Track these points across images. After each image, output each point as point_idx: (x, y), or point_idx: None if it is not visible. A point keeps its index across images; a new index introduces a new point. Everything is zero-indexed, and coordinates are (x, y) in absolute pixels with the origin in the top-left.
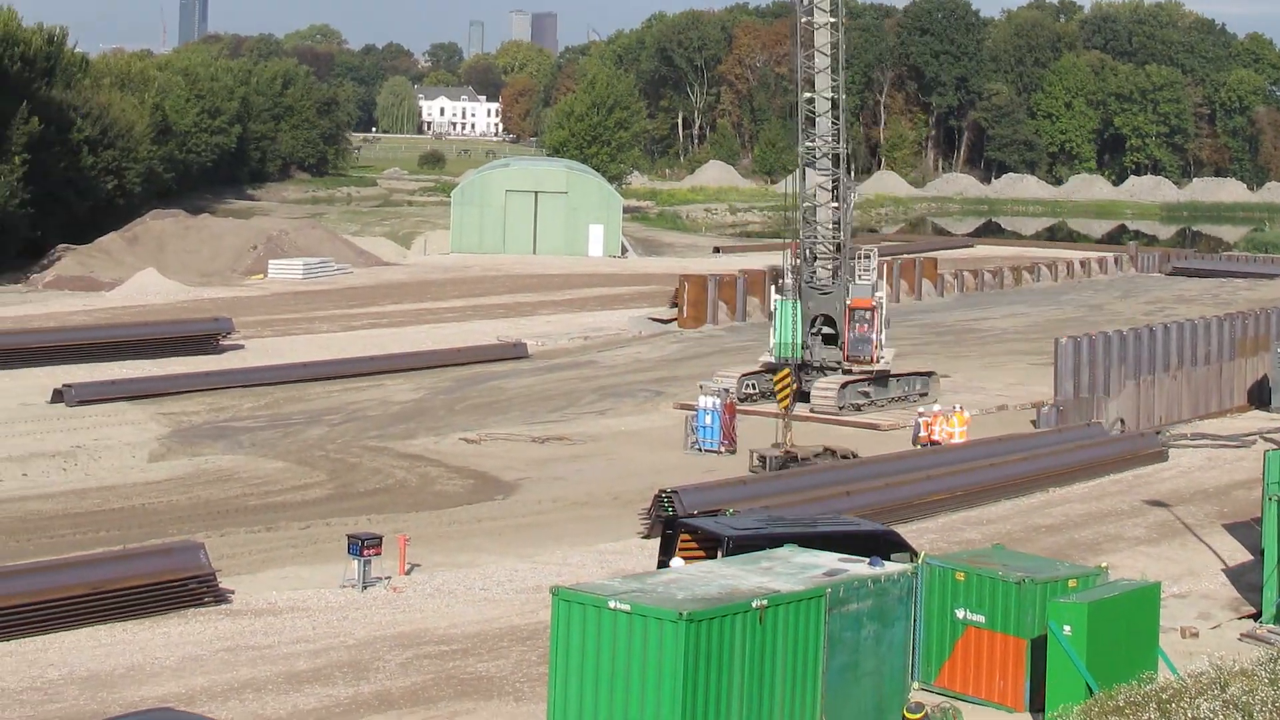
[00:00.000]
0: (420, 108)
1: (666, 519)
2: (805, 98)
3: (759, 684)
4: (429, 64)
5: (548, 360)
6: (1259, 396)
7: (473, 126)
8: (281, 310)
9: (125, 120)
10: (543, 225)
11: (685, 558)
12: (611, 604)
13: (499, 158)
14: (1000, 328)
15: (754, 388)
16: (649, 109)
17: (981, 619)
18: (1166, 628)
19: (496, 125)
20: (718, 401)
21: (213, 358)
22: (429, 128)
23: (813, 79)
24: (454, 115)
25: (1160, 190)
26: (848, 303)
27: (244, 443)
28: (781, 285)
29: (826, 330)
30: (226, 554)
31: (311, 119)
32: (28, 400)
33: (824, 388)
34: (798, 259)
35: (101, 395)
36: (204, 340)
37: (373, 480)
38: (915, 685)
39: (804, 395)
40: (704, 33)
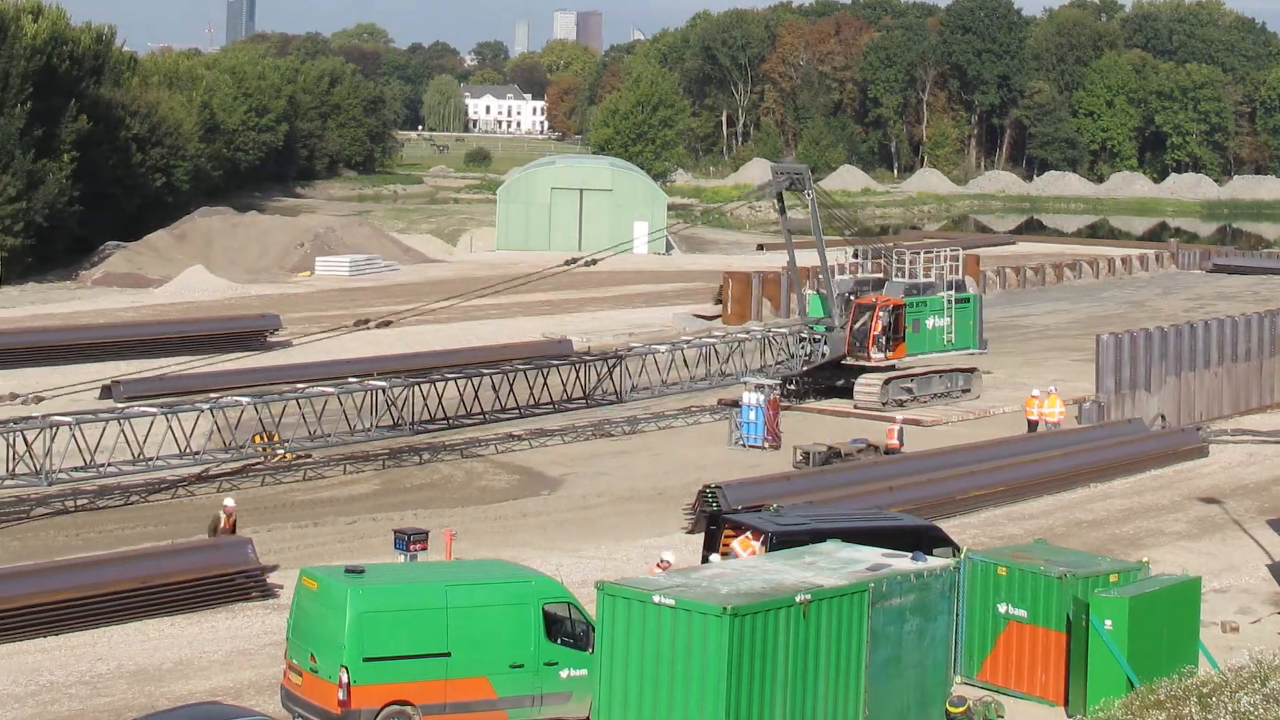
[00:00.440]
0: (466, 106)
1: (711, 514)
2: None
3: (802, 678)
4: (475, 62)
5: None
6: None
7: (518, 125)
8: (328, 307)
9: (173, 118)
10: (588, 222)
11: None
12: (656, 599)
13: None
14: (1042, 324)
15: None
16: (693, 107)
17: (1023, 613)
18: (1207, 622)
19: (542, 123)
20: (762, 397)
21: (260, 354)
22: (474, 126)
23: None
24: (499, 113)
25: (1201, 188)
26: (852, 298)
27: (290, 438)
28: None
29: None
30: (274, 549)
31: (358, 117)
32: (76, 396)
33: (867, 384)
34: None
35: (149, 391)
36: (251, 337)
37: (419, 476)
38: (958, 679)
39: (847, 391)
40: (748, 31)
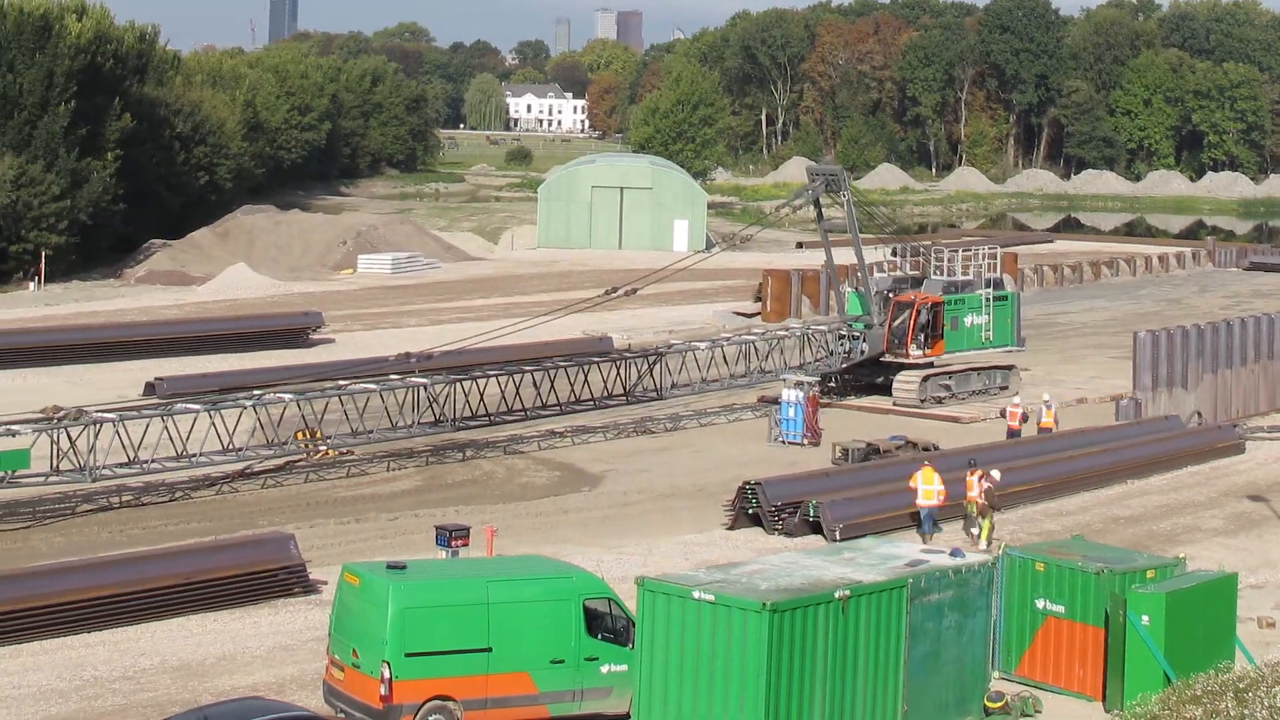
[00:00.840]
0: (507, 105)
1: None
2: None
3: (841, 673)
4: (516, 61)
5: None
6: None
7: (559, 123)
8: (371, 304)
9: (217, 117)
10: (628, 220)
11: None
12: (696, 594)
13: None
14: (1079, 322)
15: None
16: (733, 106)
17: (1061, 609)
18: (1243, 618)
19: (582, 122)
20: (801, 394)
21: (303, 351)
22: (515, 124)
23: None
24: (540, 112)
25: (1237, 186)
26: (891, 296)
27: (332, 434)
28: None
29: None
30: (316, 545)
31: (400, 116)
32: (121, 392)
33: (905, 380)
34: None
35: (193, 388)
36: (294, 334)
37: (460, 472)
38: (996, 674)
39: (886, 388)
40: (787, 31)
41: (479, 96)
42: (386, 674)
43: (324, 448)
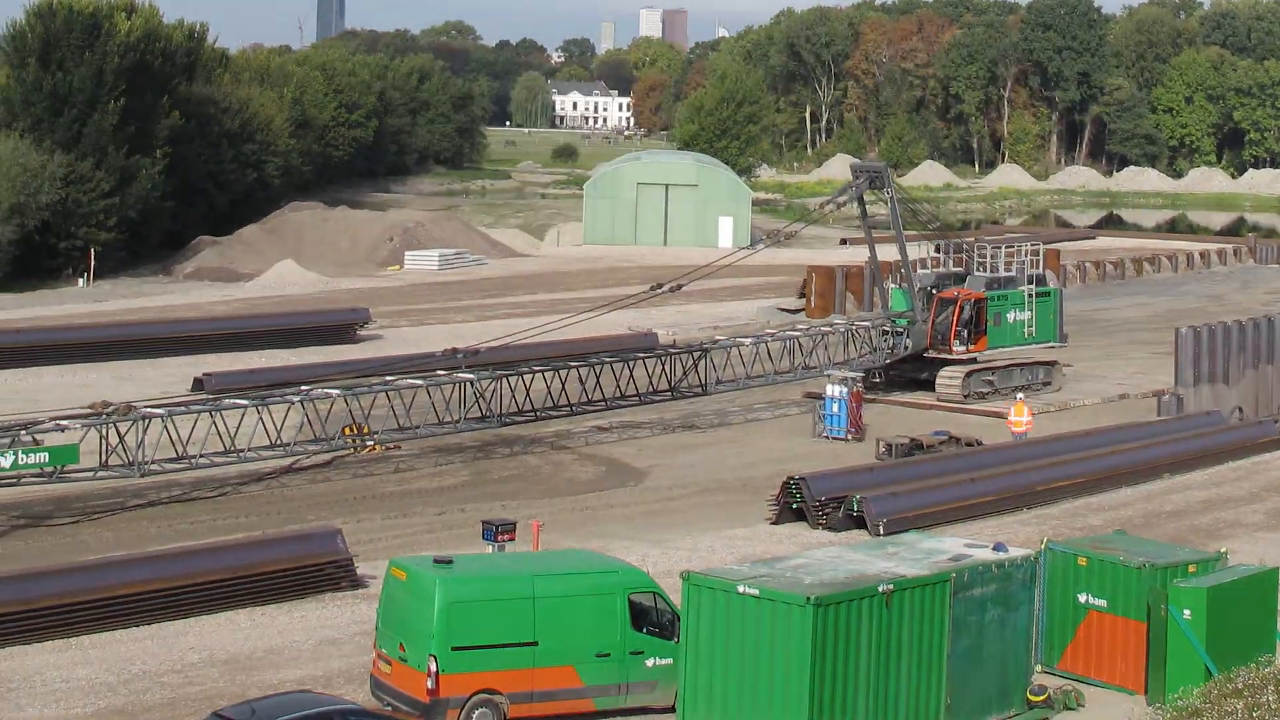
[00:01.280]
0: (553, 102)
1: None
2: None
3: (884, 667)
4: (561, 59)
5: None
6: None
7: (605, 121)
8: (418, 300)
9: (264, 114)
10: (673, 217)
11: None
12: (740, 588)
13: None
14: (1121, 318)
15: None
16: (777, 103)
17: (1103, 603)
18: None
19: (628, 119)
20: (845, 390)
21: (350, 347)
22: (561, 122)
23: None
24: (586, 110)
25: (1279, 183)
26: (934, 292)
27: (379, 430)
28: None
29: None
30: (363, 539)
31: (447, 113)
32: (169, 388)
33: (949, 376)
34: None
35: (241, 384)
36: (342, 330)
37: (507, 467)
38: (1038, 668)
39: (929, 383)
40: (831, 28)
41: (525, 94)
42: (433, 668)
43: (371, 443)
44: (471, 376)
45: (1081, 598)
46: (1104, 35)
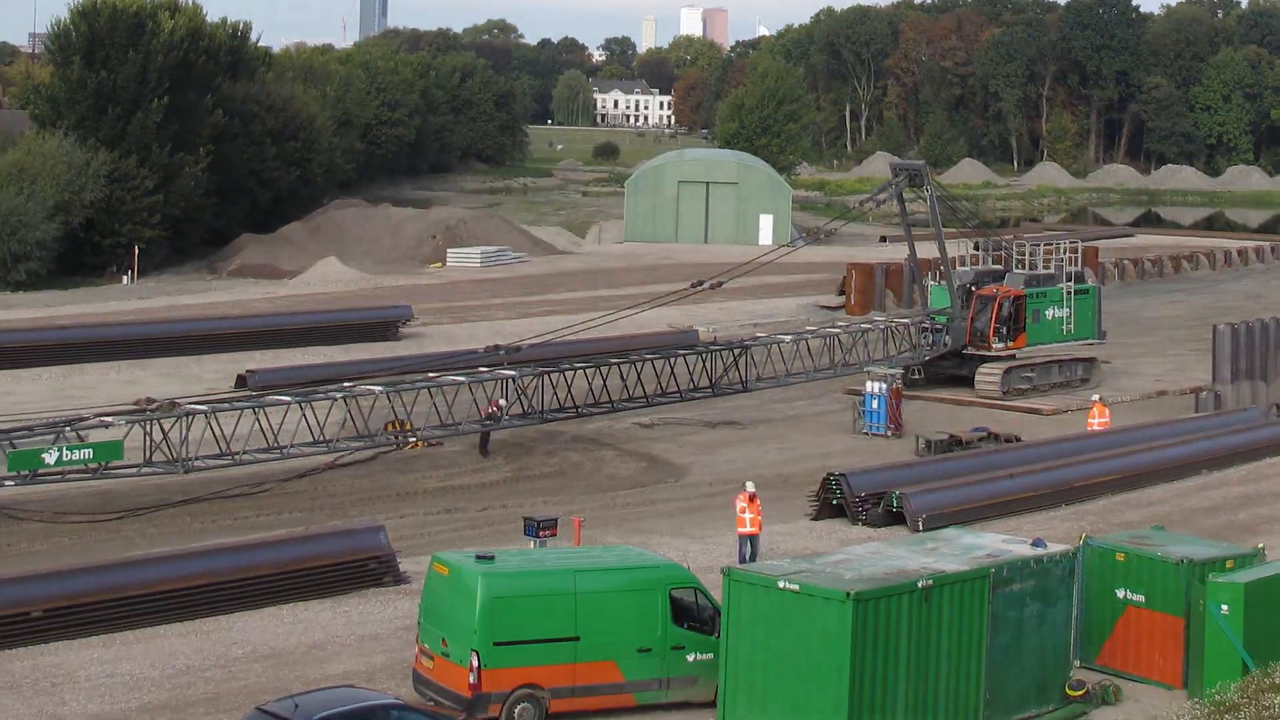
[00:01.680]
0: (595, 100)
1: None
2: None
3: (923, 662)
4: (603, 58)
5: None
6: None
7: (645, 119)
8: (459, 298)
9: (307, 112)
10: (714, 215)
11: None
12: (781, 584)
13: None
14: (1159, 315)
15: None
16: (817, 101)
17: (1141, 598)
18: None
19: (669, 117)
20: (884, 386)
21: (392, 344)
22: (602, 120)
23: None
24: (627, 108)
25: None
26: (974, 289)
27: (421, 426)
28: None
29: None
30: (406, 535)
31: (489, 111)
32: (213, 385)
33: (988, 372)
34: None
35: (284, 381)
36: (384, 327)
37: (548, 463)
38: (1076, 663)
39: (968, 380)
40: (871, 27)
41: (566, 92)
42: (475, 663)
43: (413, 440)
44: (514, 373)
45: (1119, 593)
46: (1142, 34)
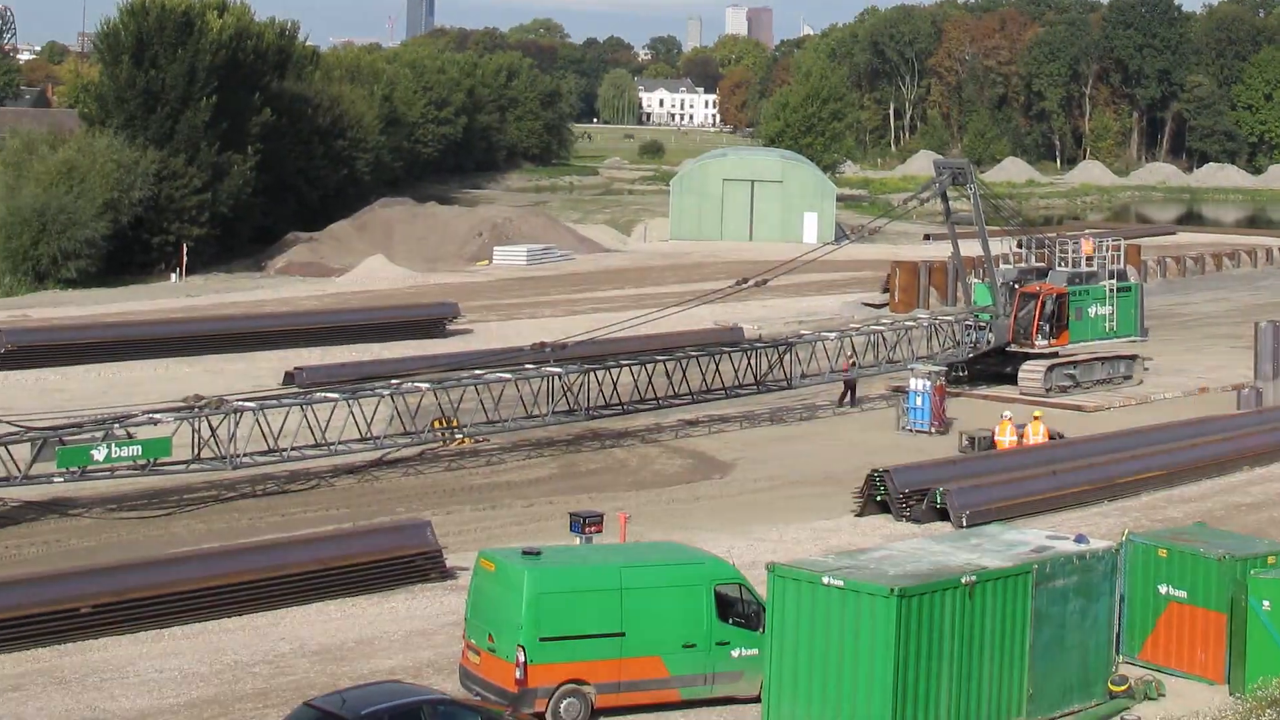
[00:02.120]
0: (640, 99)
1: None
2: None
3: (967, 658)
4: (648, 57)
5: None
6: None
7: (690, 118)
8: (506, 295)
9: (355, 111)
10: (759, 213)
11: None
12: (825, 580)
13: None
14: (1201, 312)
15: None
16: (861, 100)
17: (1184, 594)
18: None
19: (714, 116)
20: (928, 383)
21: (439, 341)
22: (648, 119)
23: None
24: (673, 107)
25: None
26: (1017, 287)
27: (468, 423)
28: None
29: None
30: (452, 531)
31: (535, 110)
32: (261, 382)
33: (1031, 370)
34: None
35: (331, 378)
36: (431, 324)
37: (594, 460)
38: (1119, 659)
39: (1011, 377)
40: (915, 26)
41: (612, 91)
42: (522, 658)
43: (460, 436)
44: (559, 371)
45: (1162, 589)
46: (1184, 33)
